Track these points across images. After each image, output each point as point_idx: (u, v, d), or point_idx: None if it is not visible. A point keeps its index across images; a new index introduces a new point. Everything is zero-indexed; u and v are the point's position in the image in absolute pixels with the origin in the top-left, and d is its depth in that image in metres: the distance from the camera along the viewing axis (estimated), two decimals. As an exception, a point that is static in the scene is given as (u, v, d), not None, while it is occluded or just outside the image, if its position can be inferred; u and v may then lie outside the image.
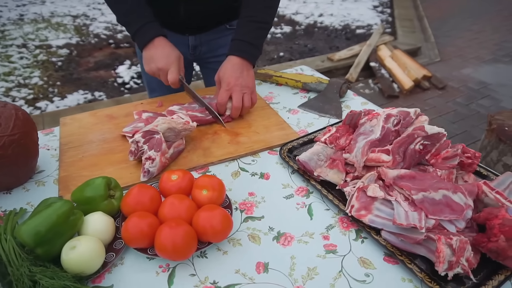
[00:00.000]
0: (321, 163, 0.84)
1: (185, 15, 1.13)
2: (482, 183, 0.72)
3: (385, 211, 0.71)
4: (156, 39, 1.02)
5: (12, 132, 0.74)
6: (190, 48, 1.25)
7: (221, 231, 0.66)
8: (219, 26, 1.23)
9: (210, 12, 1.16)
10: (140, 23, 1.02)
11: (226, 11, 1.21)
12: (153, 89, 1.36)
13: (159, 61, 1.01)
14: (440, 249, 0.61)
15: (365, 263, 0.66)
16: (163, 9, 1.12)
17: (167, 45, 1.03)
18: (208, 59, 1.31)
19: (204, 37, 1.23)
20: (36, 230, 0.58)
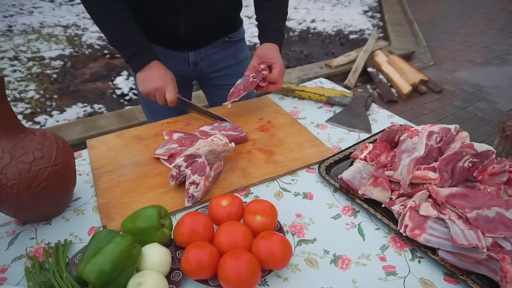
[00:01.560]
0: (364, 181, 0.84)
1: (185, 29, 1.12)
2: (532, 198, 0.73)
3: (439, 230, 0.71)
4: (152, 62, 1.05)
5: (55, 162, 0.72)
6: (191, 64, 1.24)
7: (282, 259, 0.65)
8: (218, 39, 1.23)
9: (209, 24, 1.16)
10: (135, 48, 1.04)
11: (225, 22, 1.21)
12: (155, 113, 1.31)
13: (156, 81, 1.03)
14: (506, 269, 0.61)
15: (427, 284, 0.66)
16: (163, 25, 1.12)
17: (163, 67, 1.07)
18: (209, 75, 1.30)
19: (204, 52, 1.23)
20: (101, 269, 0.56)
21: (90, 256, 0.57)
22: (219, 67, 1.28)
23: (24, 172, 0.67)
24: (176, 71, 1.19)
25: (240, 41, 1.30)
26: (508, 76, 3.85)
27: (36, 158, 0.69)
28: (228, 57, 1.28)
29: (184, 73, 1.25)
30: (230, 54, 1.28)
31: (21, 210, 0.71)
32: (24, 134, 0.70)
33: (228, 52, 1.27)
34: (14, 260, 0.69)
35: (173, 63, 1.19)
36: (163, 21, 1.10)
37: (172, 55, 1.19)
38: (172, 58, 1.19)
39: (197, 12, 1.09)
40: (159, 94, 1.04)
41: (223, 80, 1.30)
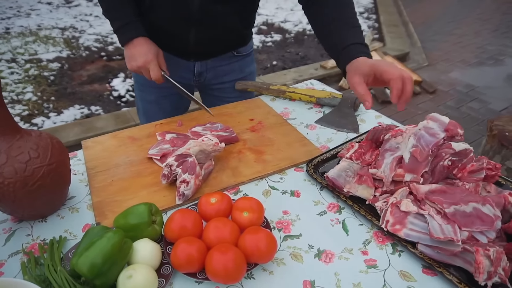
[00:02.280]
0: (349, 179, 0.87)
1: (195, 42, 1.13)
2: (507, 194, 0.76)
3: (419, 225, 0.74)
4: (136, 39, 1.04)
5: (50, 162, 0.74)
6: (195, 74, 1.24)
7: (267, 253, 0.67)
8: (226, 53, 1.23)
9: (220, 38, 1.16)
10: (122, 21, 1.04)
11: (236, 38, 1.21)
12: (150, 116, 1.32)
13: (138, 59, 1.03)
14: (479, 260, 0.64)
15: (406, 276, 0.69)
16: (173, 34, 1.12)
17: (146, 44, 1.04)
18: (212, 86, 1.29)
19: (210, 63, 1.22)
20: (93, 262, 0.59)
21: (83, 250, 0.60)
22: (224, 80, 1.28)
23: (20, 171, 0.70)
24: (180, 78, 1.21)
25: (248, 55, 1.30)
26: (501, 76, 3.90)
27: (31, 157, 0.72)
28: (234, 70, 1.27)
29: (188, 81, 1.25)
30: (236, 68, 1.27)
31: (17, 208, 0.74)
32: (20, 134, 0.73)
33: (234, 66, 1.27)
34: (11, 255, 0.72)
35: (178, 71, 1.20)
36: (174, 30, 1.10)
37: (177, 61, 1.20)
38: (177, 64, 1.19)
39: (209, 26, 1.10)
40: (144, 72, 1.04)
41: (225, 93, 1.30)
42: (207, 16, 1.06)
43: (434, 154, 0.80)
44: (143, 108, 1.35)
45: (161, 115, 1.25)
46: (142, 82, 1.28)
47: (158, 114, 1.29)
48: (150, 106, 1.32)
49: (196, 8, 1.03)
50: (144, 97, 1.33)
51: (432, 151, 0.79)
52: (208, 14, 1.05)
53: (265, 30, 5.22)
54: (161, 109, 1.29)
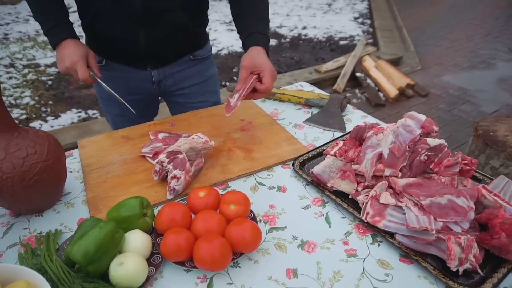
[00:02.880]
0: (333, 175, 0.91)
1: (146, 45, 1.11)
2: (481, 187, 0.80)
3: (397, 216, 0.78)
4: (65, 41, 1.03)
5: (46, 158, 0.78)
6: (154, 83, 1.23)
7: (252, 242, 0.71)
8: (182, 57, 1.22)
9: (171, 39, 1.14)
10: (51, 24, 1.04)
11: (189, 39, 1.20)
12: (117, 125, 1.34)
13: (66, 61, 1.02)
14: (451, 247, 0.68)
15: (384, 264, 0.73)
16: (122, 40, 1.11)
17: (73, 44, 1.04)
18: (174, 92, 1.29)
19: (168, 70, 1.22)
20: (86, 250, 0.62)
21: (76, 239, 0.64)
22: (184, 85, 1.27)
23: (18, 167, 0.74)
24: (140, 89, 1.23)
25: (206, 59, 1.29)
26: (493, 80, 3.97)
27: (29, 154, 0.75)
28: (193, 75, 1.26)
29: (148, 91, 1.25)
30: (195, 72, 1.26)
31: (15, 202, 0.77)
32: (18, 132, 0.77)
33: (193, 70, 1.26)
34: (9, 247, 0.75)
35: (136, 82, 1.21)
36: (122, 35, 1.09)
37: (134, 73, 1.19)
38: (134, 77, 1.20)
39: (158, 26, 1.08)
40: (73, 73, 1.03)
41: (188, 98, 1.30)
42: (152, 14, 1.05)
43: (411, 150, 0.84)
44: (111, 120, 1.37)
45: (129, 124, 1.24)
46: (104, 96, 1.29)
47: (125, 124, 1.28)
48: (116, 118, 1.34)
49: (139, 7, 1.02)
50: (109, 110, 1.34)
51: (409, 147, 0.83)
52: (152, 11, 1.04)
53: (261, 35, 5.28)
54: (127, 120, 1.28)
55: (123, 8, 1.03)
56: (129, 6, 1.02)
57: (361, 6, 7.04)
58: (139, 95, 1.25)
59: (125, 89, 1.21)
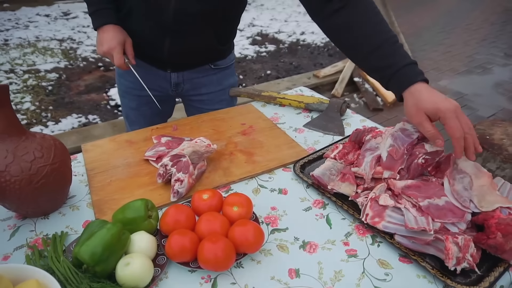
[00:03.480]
0: (333, 177, 0.93)
1: (169, 51, 1.14)
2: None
3: (396, 218, 0.80)
4: (106, 25, 1.09)
5: (53, 161, 0.80)
6: (172, 85, 1.27)
7: (255, 243, 0.73)
8: (203, 65, 1.24)
9: (194, 50, 1.17)
10: (96, 7, 1.10)
11: (212, 52, 1.22)
12: (132, 122, 1.39)
13: (104, 45, 1.08)
14: (448, 247, 0.70)
15: (384, 264, 0.74)
16: (147, 42, 1.15)
17: (114, 30, 1.09)
18: (191, 97, 1.32)
19: (187, 75, 1.24)
20: (94, 250, 0.64)
21: (84, 240, 0.66)
22: (202, 91, 1.30)
23: (25, 170, 0.75)
24: (159, 87, 1.26)
25: (227, 68, 1.31)
26: (489, 84, 4.01)
27: (36, 157, 0.77)
28: (211, 83, 1.28)
29: (166, 91, 1.29)
30: (214, 80, 1.28)
31: (22, 204, 0.79)
32: (25, 136, 0.79)
33: (212, 78, 1.28)
34: (16, 249, 0.77)
35: (155, 80, 1.24)
36: (149, 38, 1.13)
37: (155, 72, 1.23)
38: (154, 74, 1.23)
39: (184, 38, 1.11)
40: (110, 57, 1.10)
41: (204, 104, 1.32)
42: (182, 27, 1.08)
43: (409, 153, 0.86)
44: (126, 113, 1.40)
45: (142, 120, 1.30)
46: (123, 89, 1.33)
47: (139, 119, 1.35)
48: (131, 112, 1.38)
49: (170, 17, 1.05)
50: (126, 103, 1.37)
51: (407, 150, 0.86)
52: (182, 25, 1.07)
53: (259, 40, 5.33)
54: (141, 115, 1.34)
55: (156, 13, 1.06)
56: (162, 13, 1.05)
57: (358, 12, 7.10)
58: (157, 93, 1.27)
59: (145, 84, 1.23)
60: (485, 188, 0.81)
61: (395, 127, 0.92)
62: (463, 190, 0.81)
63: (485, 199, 0.80)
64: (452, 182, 0.82)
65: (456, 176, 0.82)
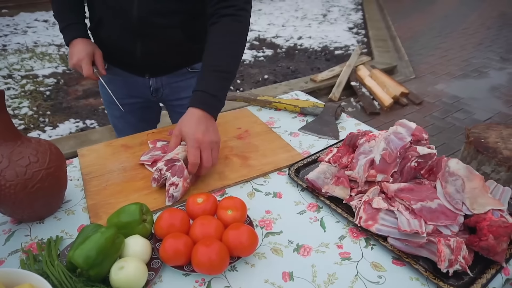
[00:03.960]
0: (327, 181, 0.94)
1: (142, 55, 1.15)
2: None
3: (389, 220, 0.81)
4: (75, 39, 1.13)
5: (48, 166, 0.80)
6: (152, 90, 1.27)
7: (249, 246, 0.73)
8: (180, 69, 1.25)
9: (167, 53, 1.17)
10: (66, 23, 1.15)
11: (186, 53, 1.22)
12: (120, 131, 1.41)
13: (73, 58, 1.11)
14: (440, 249, 0.71)
15: (377, 267, 0.75)
16: (120, 48, 1.17)
17: (82, 43, 1.13)
18: (172, 102, 1.33)
19: (166, 79, 1.25)
20: (88, 254, 0.64)
21: (78, 244, 0.66)
22: (181, 96, 1.29)
23: (20, 174, 0.76)
24: (139, 93, 1.28)
25: None
26: (485, 88, 4.04)
27: (31, 162, 0.78)
28: (190, 86, 1.21)
29: (147, 96, 1.30)
30: (192, 83, 1.21)
31: (17, 209, 0.79)
32: (21, 141, 0.79)
33: (190, 82, 1.27)
34: (10, 253, 0.77)
35: (135, 87, 1.26)
36: (121, 43, 1.15)
37: (133, 79, 1.25)
38: (133, 81, 1.25)
39: (154, 40, 1.12)
40: (79, 69, 1.12)
41: (185, 109, 1.32)
42: (149, 29, 1.09)
43: (402, 156, 0.87)
44: (112, 122, 1.43)
45: (128, 128, 1.32)
46: (106, 99, 1.34)
47: (126, 127, 1.37)
48: (117, 120, 1.40)
49: (135, 20, 1.07)
50: (111, 113, 1.40)
51: (400, 154, 0.86)
52: (149, 26, 1.09)
53: (257, 45, 5.36)
54: (127, 123, 1.37)
55: (122, 19, 1.09)
56: (127, 18, 1.07)
57: (355, 17, 7.16)
58: (139, 99, 1.30)
59: (126, 92, 1.28)
60: (477, 191, 0.82)
61: (388, 131, 0.93)
62: (455, 193, 0.82)
63: (477, 201, 0.80)
64: (444, 185, 0.82)
65: (449, 178, 0.83)
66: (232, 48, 1.01)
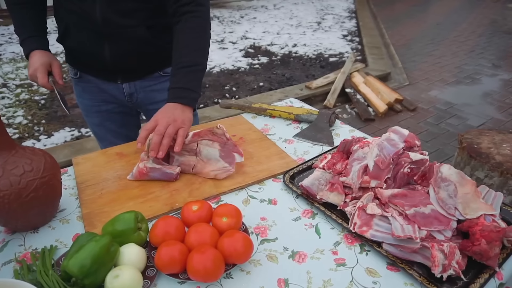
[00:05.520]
0: (322, 187, 0.95)
1: (111, 57, 1.16)
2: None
3: (383, 226, 0.81)
4: (33, 52, 1.15)
5: (42, 175, 0.80)
6: (126, 96, 1.28)
7: (244, 253, 0.74)
8: (152, 73, 1.26)
9: (137, 54, 1.18)
10: (24, 36, 1.16)
11: (155, 55, 1.22)
12: (101, 138, 1.42)
13: (30, 69, 1.14)
14: (434, 254, 0.71)
15: (372, 273, 0.75)
16: (90, 55, 1.18)
17: (38, 54, 1.15)
18: (147, 106, 1.33)
19: (139, 84, 1.26)
20: (83, 263, 0.64)
21: (73, 253, 0.66)
22: (157, 99, 1.30)
23: (14, 184, 0.76)
24: (115, 99, 1.30)
25: None
26: (478, 94, 4.09)
27: (25, 171, 0.78)
28: (164, 90, 1.20)
29: (122, 102, 1.31)
30: (166, 87, 1.24)
31: (11, 219, 0.79)
32: (15, 150, 0.79)
33: (164, 85, 1.23)
34: (4, 264, 0.76)
35: (110, 94, 1.27)
36: (89, 49, 1.16)
37: (106, 86, 1.26)
38: (107, 88, 1.26)
39: (121, 41, 1.13)
40: (35, 79, 1.14)
41: None
42: (114, 29, 1.10)
43: (395, 162, 0.88)
44: (93, 130, 1.44)
45: (109, 135, 1.34)
46: (84, 107, 1.36)
47: (106, 134, 1.39)
48: (97, 128, 1.41)
49: (99, 21, 1.08)
50: (90, 121, 1.41)
51: (393, 160, 0.87)
52: (113, 27, 1.10)
53: (252, 53, 5.39)
54: (107, 130, 1.39)
55: (87, 23, 1.10)
56: (91, 21, 1.09)
57: (349, 24, 7.25)
58: (115, 106, 1.32)
59: (101, 99, 1.30)
60: (469, 196, 0.83)
61: (381, 137, 0.94)
62: (448, 198, 0.83)
63: (469, 206, 0.81)
64: (437, 190, 0.83)
65: (441, 184, 0.84)
66: (195, 43, 1.08)
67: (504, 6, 9.06)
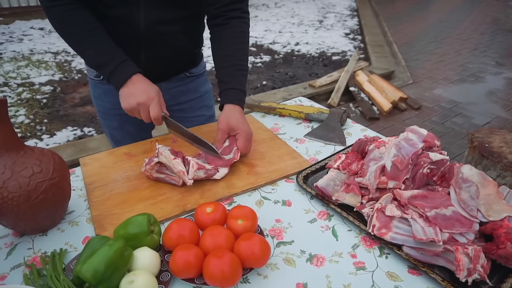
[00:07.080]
0: (337, 188, 0.92)
1: (146, 62, 1.14)
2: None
3: (403, 228, 0.79)
4: (134, 76, 1.00)
5: (52, 176, 0.78)
6: None
7: (261, 257, 0.71)
8: (178, 74, 1.27)
9: (170, 58, 1.18)
10: (115, 63, 1.00)
11: (186, 59, 1.24)
12: (118, 142, 1.38)
13: (139, 96, 0.97)
14: (459, 258, 0.69)
15: (393, 277, 0.73)
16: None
17: (146, 81, 1.01)
18: (171, 107, 1.30)
19: (165, 85, 1.24)
20: (96, 269, 0.62)
21: (86, 258, 0.63)
22: (181, 100, 1.31)
23: (24, 186, 0.73)
24: None
25: (201, 75, 1.33)
26: (483, 93, 4.06)
27: (35, 172, 0.75)
28: (189, 91, 1.30)
29: None
30: (191, 88, 1.30)
31: (20, 221, 0.76)
32: (24, 151, 0.77)
33: (189, 86, 1.30)
34: (13, 268, 0.74)
35: None
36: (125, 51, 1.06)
37: None
38: None
39: (158, 47, 1.12)
40: (143, 110, 0.98)
41: (185, 113, 1.33)
42: (155, 37, 1.09)
43: (414, 163, 0.86)
44: (110, 133, 1.39)
45: (127, 138, 1.30)
46: (103, 110, 1.32)
47: (124, 138, 1.35)
48: (115, 131, 1.37)
49: (142, 29, 1.06)
50: (107, 124, 1.37)
51: (412, 160, 0.85)
52: (155, 34, 1.09)
53: (254, 51, 5.36)
54: (126, 133, 1.35)
55: (128, 29, 1.07)
56: (134, 28, 1.06)
57: (351, 23, 7.21)
58: None
59: None
60: (492, 197, 0.80)
61: (399, 137, 0.92)
62: (469, 199, 0.80)
63: (492, 208, 0.79)
64: (458, 192, 0.81)
65: (462, 185, 0.82)
66: (245, 48, 1.14)
67: (506, 4, 9.03)
